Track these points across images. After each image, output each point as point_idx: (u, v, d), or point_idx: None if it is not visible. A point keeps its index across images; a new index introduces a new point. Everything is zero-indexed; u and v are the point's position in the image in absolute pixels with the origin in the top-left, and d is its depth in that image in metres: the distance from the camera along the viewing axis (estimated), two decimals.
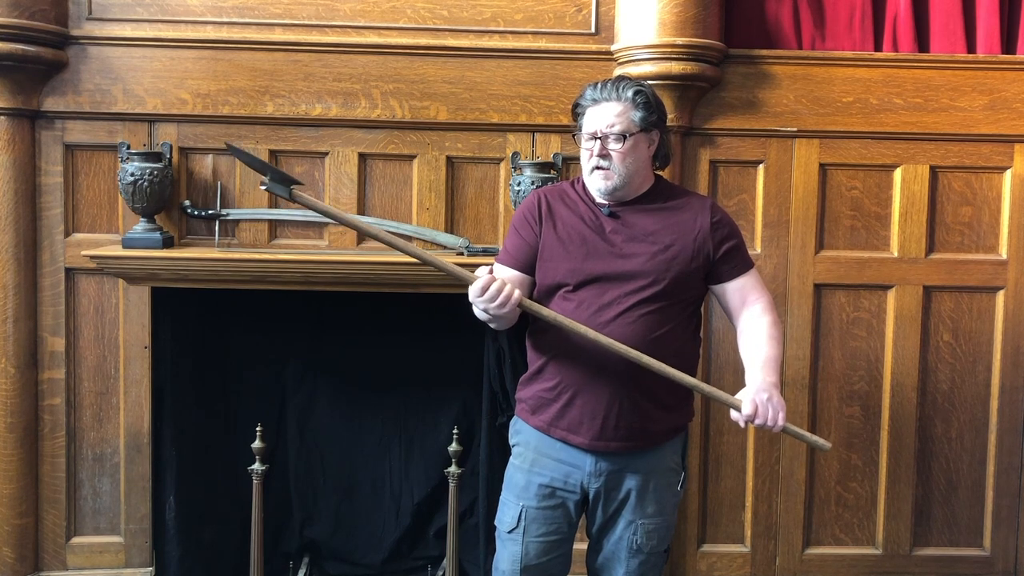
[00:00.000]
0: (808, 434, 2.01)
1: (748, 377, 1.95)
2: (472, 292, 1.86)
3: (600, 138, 1.94)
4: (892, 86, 2.80)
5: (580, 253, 1.96)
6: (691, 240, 1.97)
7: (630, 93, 1.95)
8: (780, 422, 1.88)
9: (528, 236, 2.03)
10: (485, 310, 1.87)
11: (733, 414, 1.92)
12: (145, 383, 2.75)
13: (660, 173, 2.11)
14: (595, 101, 1.96)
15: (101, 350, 2.77)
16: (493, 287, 1.83)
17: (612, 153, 1.93)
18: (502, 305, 1.84)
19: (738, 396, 1.92)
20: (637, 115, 1.94)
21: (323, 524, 2.94)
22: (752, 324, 2.00)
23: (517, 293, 1.85)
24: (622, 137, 1.93)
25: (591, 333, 1.87)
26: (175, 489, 2.76)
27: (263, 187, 1.85)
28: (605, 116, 1.94)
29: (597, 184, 1.96)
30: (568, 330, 1.89)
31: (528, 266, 2.02)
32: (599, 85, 1.98)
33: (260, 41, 2.69)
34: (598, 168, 1.94)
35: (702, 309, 2.13)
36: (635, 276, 1.93)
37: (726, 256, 2.00)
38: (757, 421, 1.88)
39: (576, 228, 1.99)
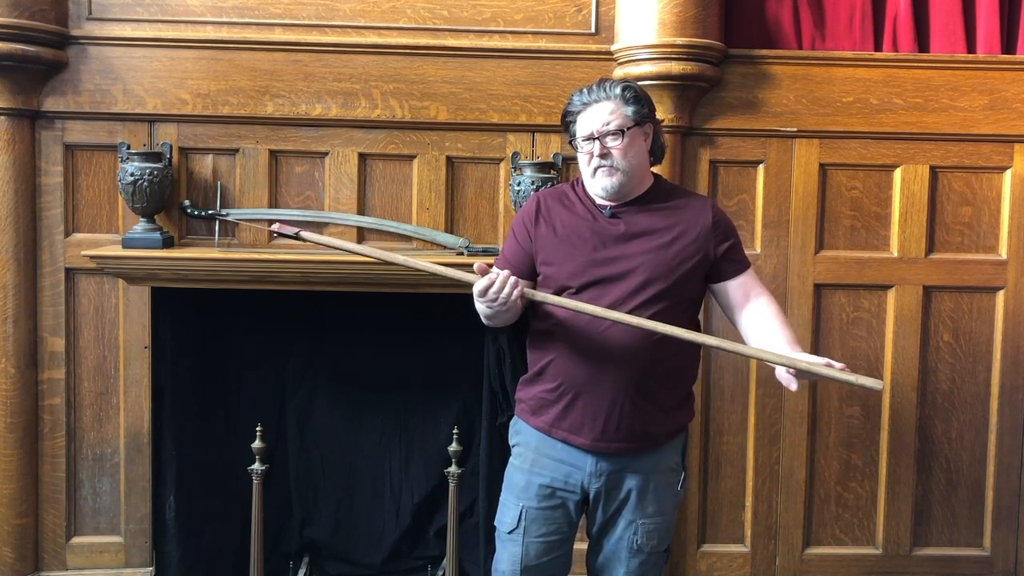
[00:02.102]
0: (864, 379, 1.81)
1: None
2: (475, 293, 1.86)
3: (598, 138, 1.93)
4: (892, 86, 2.80)
5: (581, 255, 1.96)
6: (691, 240, 1.97)
7: (618, 90, 1.95)
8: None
9: (524, 242, 2.03)
10: (489, 307, 1.87)
11: (781, 375, 1.83)
12: (145, 383, 2.75)
13: (659, 173, 2.11)
14: (585, 104, 1.96)
15: (101, 350, 2.77)
16: (495, 286, 1.83)
17: (612, 151, 1.93)
18: (505, 302, 1.84)
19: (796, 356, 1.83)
20: (629, 109, 1.94)
21: (323, 524, 2.95)
22: (762, 313, 1.97)
23: (520, 286, 1.85)
24: (619, 132, 1.93)
25: (599, 311, 1.85)
26: (175, 489, 2.76)
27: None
28: (599, 116, 1.94)
29: (601, 183, 1.95)
30: (577, 311, 1.87)
31: (525, 272, 2.02)
32: (584, 90, 1.98)
33: (260, 41, 2.69)
34: (600, 168, 1.94)
35: (702, 309, 2.13)
36: (636, 277, 1.93)
37: (727, 255, 2.00)
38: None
39: (576, 230, 1.99)
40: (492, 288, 1.83)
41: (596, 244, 1.96)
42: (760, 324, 1.97)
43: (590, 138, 1.94)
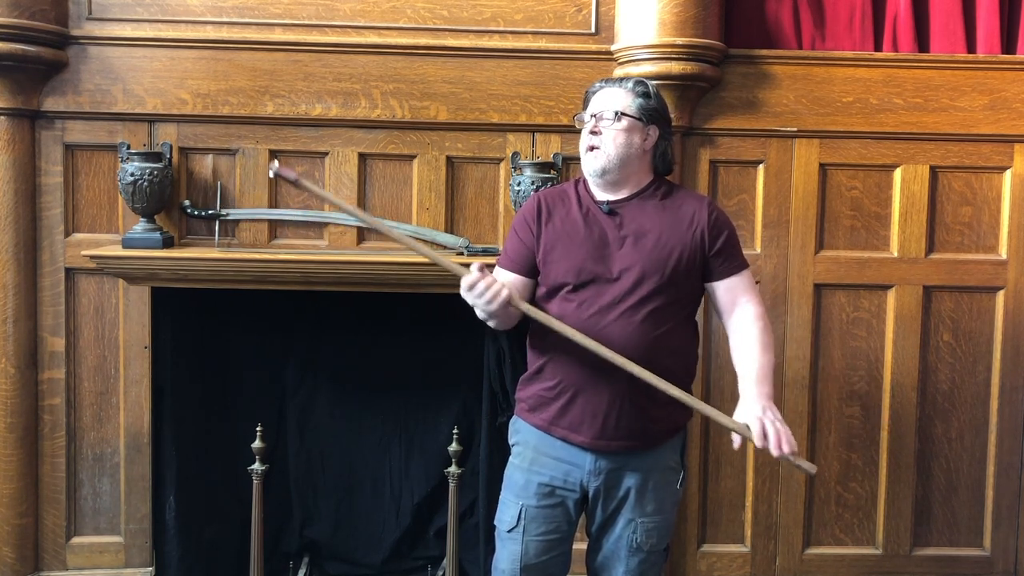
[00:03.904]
0: (801, 461, 1.90)
1: (743, 390, 1.94)
2: (463, 287, 1.87)
3: (595, 116, 1.99)
4: (892, 86, 2.81)
5: (580, 252, 1.97)
6: (688, 237, 1.98)
7: (631, 84, 2.02)
8: (786, 449, 1.82)
9: (527, 239, 2.04)
10: (475, 306, 1.88)
11: (734, 437, 1.89)
12: (145, 383, 2.75)
13: None
14: (601, 87, 2.04)
15: (101, 350, 2.77)
16: (481, 283, 1.84)
17: (604, 131, 1.97)
18: (490, 302, 1.84)
19: (738, 416, 1.89)
20: (635, 102, 1.99)
21: (323, 524, 2.95)
22: (743, 330, 2.00)
23: (506, 292, 1.86)
24: (615, 115, 1.97)
25: (584, 340, 1.87)
26: (175, 489, 2.76)
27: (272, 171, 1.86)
28: (605, 99, 2.00)
29: (589, 164, 2.00)
30: (561, 334, 1.89)
31: (528, 269, 2.03)
32: (608, 78, 2.10)
33: (260, 41, 2.69)
34: (591, 148, 1.98)
35: (702, 309, 2.13)
36: (634, 274, 1.93)
37: (720, 253, 2.00)
38: (768, 444, 1.83)
39: (575, 228, 2.00)
40: (477, 287, 1.83)
41: (595, 241, 1.97)
42: (737, 343, 2.00)
43: (591, 116, 2.00)
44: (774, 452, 1.83)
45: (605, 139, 1.97)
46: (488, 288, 1.84)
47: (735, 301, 2.02)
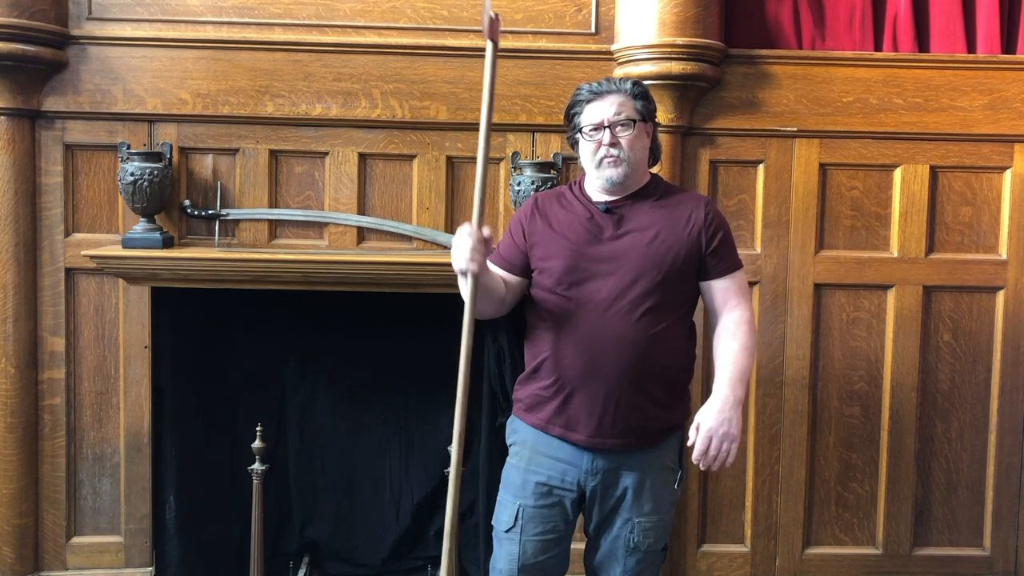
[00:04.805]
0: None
1: (716, 388, 1.96)
2: (461, 228, 1.87)
3: (608, 127, 1.95)
4: (892, 86, 2.80)
5: (576, 250, 1.97)
6: (685, 235, 1.98)
7: (628, 85, 2.00)
8: (715, 468, 1.92)
9: (519, 239, 2.05)
10: (456, 253, 1.87)
11: (691, 433, 1.94)
12: (145, 383, 2.75)
13: (656, 172, 2.12)
14: (595, 94, 1.99)
15: (101, 350, 2.77)
16: (473, 235, 1.84)
17: (621, 140, 1.95)
18: (468, 257, 1.84)
19: (700, 415, 1.93)
20: (638, 104, 1.99)
21: (323, 524, 2.95)
22: (729, 331, 2.00)
23: (476, 265, 1.85)
24: (630, 122, 1.96)
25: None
26: (175, 489, 2.76)
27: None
28: (609, 106, 1.96)
29: (606, 174, 1.97)
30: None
31: (518, 268, 2.04)
32: (594, 83, 2.02)
33: (260, 41, 2.69)
34: (607, 158, 1.95)
35: (701, 308, 2.12)
36: (629, 272, 1.93)
37: (715, 252, 2.00)
38: (702, 461, 1.92)
39: (572, 227, 2.00)
40: (471, 236, 1.84)
41: (590, 239, 1.98)
42: (720, 343, 2.01)
43: (599, 127, 1.96)
44: (702, 467, 1.93)
45: (624, 147, 1.95)
46: (472, 248, 1.84)
47: (726, 302, 2.03)
